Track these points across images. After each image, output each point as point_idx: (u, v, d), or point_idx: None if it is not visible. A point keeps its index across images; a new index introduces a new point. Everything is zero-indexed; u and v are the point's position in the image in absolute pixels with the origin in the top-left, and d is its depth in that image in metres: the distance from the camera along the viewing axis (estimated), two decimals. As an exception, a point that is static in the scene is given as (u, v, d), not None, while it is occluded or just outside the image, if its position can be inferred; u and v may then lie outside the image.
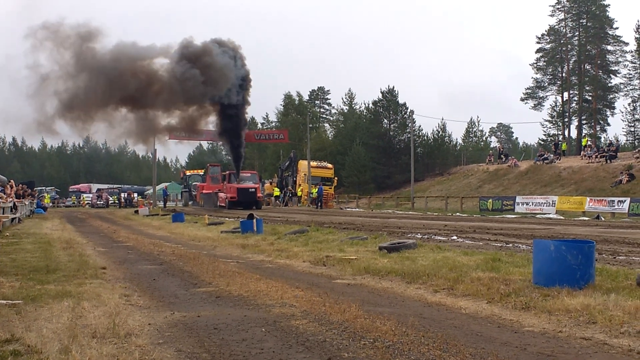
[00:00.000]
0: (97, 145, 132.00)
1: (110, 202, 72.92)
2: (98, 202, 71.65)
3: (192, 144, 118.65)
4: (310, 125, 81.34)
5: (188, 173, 76.33)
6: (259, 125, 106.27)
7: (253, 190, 54.81)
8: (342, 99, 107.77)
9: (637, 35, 73.59)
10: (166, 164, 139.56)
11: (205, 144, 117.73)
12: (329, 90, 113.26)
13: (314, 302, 8.42)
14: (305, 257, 14.22)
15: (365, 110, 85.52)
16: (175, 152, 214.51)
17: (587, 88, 77.95)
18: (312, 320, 7.31)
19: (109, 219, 39.87)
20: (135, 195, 74.78)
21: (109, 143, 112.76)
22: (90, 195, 79.27)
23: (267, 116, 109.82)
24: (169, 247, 18.03)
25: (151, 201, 65.88)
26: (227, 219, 33.20)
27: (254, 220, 21.86)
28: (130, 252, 16.69)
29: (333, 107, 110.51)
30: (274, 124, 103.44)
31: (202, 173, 72.71)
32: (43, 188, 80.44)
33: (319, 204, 56.91)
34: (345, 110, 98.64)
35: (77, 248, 17.45)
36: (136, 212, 45.33)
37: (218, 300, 8.93)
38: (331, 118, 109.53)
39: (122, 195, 73.64)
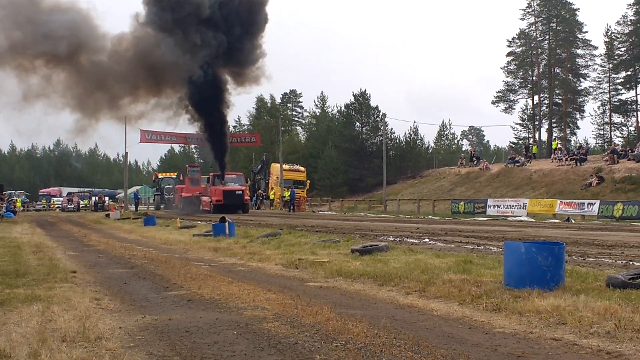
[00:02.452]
0: (68, 148, 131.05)
1: (81, 205, 72.36)
2: (69, 206, 71.13)
3: (165, 147, 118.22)
4: (283, 129, 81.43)
5: (160, 176, 74.74)
6: (231, 129, 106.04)
7: (240, 192, 52.37)
8: (315, 102, 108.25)
9: (606, 40, 74.48)
10: (138, 167, 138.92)
11: (177, 147, 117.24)
12: (301, 94, 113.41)
13: (286, 305, 8.41)
14: (277, 260, 14.21)
15: (337, 114, 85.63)
16: (147, 155, 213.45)
17: (557, 91, 78.66)
18: (284, 323, 7.30)
19: (80, 222, 39.57)
20: (107, 198, 74.30)
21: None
22: (61, 199, 78.63)
23: (239, 119, 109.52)
24: (140, 250, 17.93)
25: (122, 205, 65.43)
26: (199, 222, 33.09)
27: (226, 224, 21.82)
28: (101, 256, 16.58)
29: (305, 110, 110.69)
30: (246, 127, 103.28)
31: (174, 176, 72.24)
32: (12, 192, 79.59)
33: (292, 207, 56.87)
34: (318, 114, 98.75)
35: (47, 252, 17.31)
36: (107, 215, 45.04)
37: (190, 304, 8.89)
38: (303, 121, 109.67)
39: (93, 198, 73.14)
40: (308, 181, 67.68)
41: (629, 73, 72.35)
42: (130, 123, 57.46)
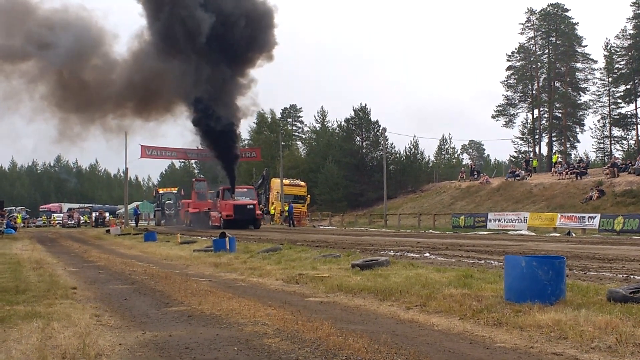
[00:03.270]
0: (69, 164, 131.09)
1: (81, 221, 72.32)
2: (69, 222, 71.06)
3: (165, 162, 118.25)
4: (283, 143, 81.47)
5: (161, 191, 74.39)
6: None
7: (251, 207, 50.06)
8: (315, 116, 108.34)
9: (606, 53, 74.73)
10: (138, 183, 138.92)
11: (177, 162, 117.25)
12: (301, 108, 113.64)
13: (287, 320, 8.40)
14: (278, 275, 14.18)
15: (337, 128, 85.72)
16: (147, 170, 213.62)
17: (557, 105, 78.85)
18: (285, 339, 7.29)
19: (80, 238, 39.52)
20: (107, 214, 74.24)
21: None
22: (61, 214, 78.60)
23: (239, 134, 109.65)
24: (140, 266, 17.91)
25: (123, 220, 65.35)
26: (199, 237, 33.06)
27: (227, 239, 21.79)
28: (101, 272, 16.55)
29: (305, 125, 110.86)
30: (246, 142, 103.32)
31: (175, 191, 72.12)
32: (13, 208, 79.53)
33: (291, 222, 56.74)
34: (318, 128, 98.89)
35: (47, 268, 17.28)
36: (108, 231, 44.97)
37: (190, 320, 8.87)
38: (304, 136, 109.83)
39: (94, 214, 73.09)
40: (308, 196, 67.62)
41: (628, 86, 72.53)
42: (130, 135, 57.51)
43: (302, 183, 68.81)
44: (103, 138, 69.14)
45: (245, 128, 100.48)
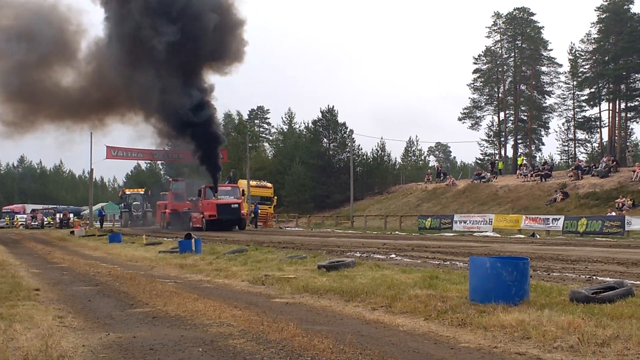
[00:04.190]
0: (32, 165, 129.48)
1: (45, 222, 71.45)
2: (32, 223, 70.10)
3: (131, 163, 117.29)
4: (250, 145, 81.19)
5: (128, 192, 73.45)
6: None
7: (236, 206, 47.16)
8: (282, 118, 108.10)
9: (571, 57, 75.64)
10: (103, 184, 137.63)
11: (143, 164, 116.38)
12: (268, 110, 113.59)
13: (252, 321, 8.37)
14: (244, 276, 14.14)
15: (304, 130, 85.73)
16: (113, 171, 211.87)
17: (523, 108, 79.56)
18: (250, 339, 7.26)
19: (44, 240, 39.07)
20: (71, 215, 73.45)
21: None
22: (25, 215, 77.50)
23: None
24: (105, 267, 17.75)
25: (87, 221, 64.69)
26: (165, 239, 32.89)
27: (192, 240, 21.69)
28: (65, 273, 16.39)
29: (273, 127, 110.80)
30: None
31: (142, 192, 71.53)
32: (-26, 209, 78.46)
33: (255, 223, 56.28)
34: (285, 130, 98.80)
35: (10, 269, 17.05)
36: (72, 232, 44.50)
37: (154, 321, 8.81)
38: (271, 137, 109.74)
39: (58, 215, 72.27)
40: (275, 197, 67.48)
41: (592, 90, 73.46)
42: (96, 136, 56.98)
43: (269, 184, 68.65)
44: (65, 138, 67.63)
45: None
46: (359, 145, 77.63)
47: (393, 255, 19.61)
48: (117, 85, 44.30)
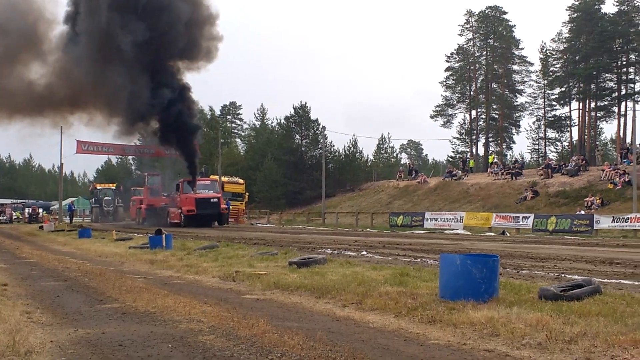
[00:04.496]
0: (1, 159, 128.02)
1: (14, 217, 70.71)
2: (1, 218, 69.36)
3: (102, 158, 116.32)
4: (222, 140, 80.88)
5: (99, 187, 72.15)
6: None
7: (215, 200, 45.99)
8: (255, 114, 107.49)
9: (542, 56, 76.24)
10: (73, 179, 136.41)
11: (114, 158, 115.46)
12: (240, 105, 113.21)
13: (222, 318, 8.36)
14: (214, 272, 14.10)
15: (277, 126, 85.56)
16: (83, 166, 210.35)
17: (494, 106, 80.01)
18: (220, 336, 7.25)
19: (12, 235, 38.73)
20: (41, 210, 72.77)
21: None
22: (-7, 210, 76.76)
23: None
24: (74, 263, 17.62)
25: (57, 216, 64.12)
26: (135, 234, 32.71)
27: (163, 236, 21.59)
28: (33, 269, 16.26)
29: (245, 122, 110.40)
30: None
31: (114, 187, 70.95)
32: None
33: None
34: (257, 126, 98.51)
35: (-22, 265, 16.90)
36: (41, 227, 44.12)
37: (124, 317, 8.77)
38: (243, 133, 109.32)
39: (27, 210, 71.57)
40: (247, 193, 67.25)
41: (563, 89, 74.15)
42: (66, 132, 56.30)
43: (241, 180, 68.39)
44: (30, 132, 66.74)
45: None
46: (331, 142, 77.92)
47: (364, 252, 19.69)
48: (84, 82, 43.35)
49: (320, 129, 76.02)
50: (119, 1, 41.81)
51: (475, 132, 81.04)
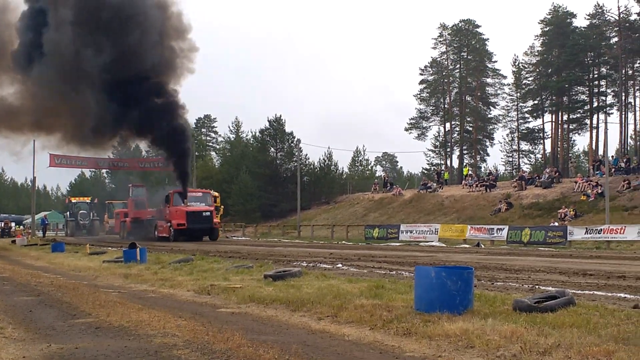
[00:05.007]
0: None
1: (-15, 231, 69.97)
2: (-27, 232, 68.67)
3: (75, 171, 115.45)
4: (197, 153, 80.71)
5: (74, 200, 71.76)
6: (144, 153, 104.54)
7: (207, 214, 44.03)
8: (229, 127, 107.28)
9: (514, 69, 76.99)
10: (46, 192, 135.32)
11: (87, 172, 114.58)
12: (215, 119, 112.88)
13: (197, 332, 8.31)
14: (189, 286, 14.03)
15: (252, 139, 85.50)
16: (57, 179, 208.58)
17: (468, 119, 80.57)
18: (195, 350, 7.20)
19: (-16, 249, 38.31)
20: (13, 224, 72.09)
21: None
22: (-35, 224, 75.88)
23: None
24: (47, 277, 17.46)
25: (30, 230, 63.52)
26: (109, 248, 32.50)
27: (137, 250, 21.47)
28: (5, 283, 16.08)
29: (220, 135, 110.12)
30: (159, 151, 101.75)
31: (88, 201, 70.43)
32: None
33: None
34: (232, 139, 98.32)
35: (-51, 279, 16.69)
36: (13, 242, 43.71)
37: (97, 331, 8.68)
38: (218, 146, 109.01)
39: (-1, 224, 70.91)
40: (222, 206, 67.05)
41: (536, 102, 74.90)
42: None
43: (216, 193, 68.20)
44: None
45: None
46: (306, 155, 77.63)
47: (339, 265, 19.67)
48: (48, 105, 41.99)
49: (295, 142, 75.97)
50: (82, 17, 40.38)
51: (449, 144, 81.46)
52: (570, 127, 73.67)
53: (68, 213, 69.73)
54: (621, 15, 65.50)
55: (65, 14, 40.18)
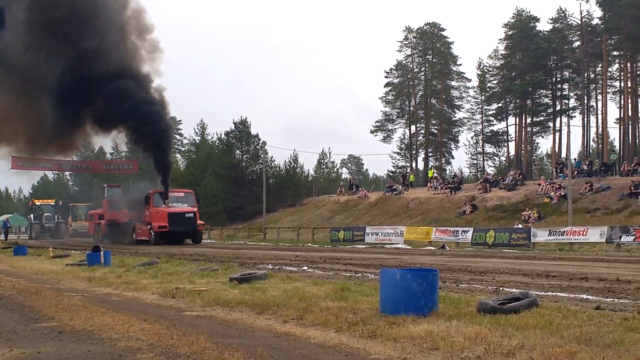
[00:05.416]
0: None
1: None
2: None
3: (38, 173, 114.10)
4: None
5: (38, 203, 70.51)
6: (108, 155, 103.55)
7: (191, 215, 41.85)
8: (194, 129, 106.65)
9: (479, 72, 77.64)
10: (8, 195, 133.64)
11: (50, 174, 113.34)
12: (180, 121, 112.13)
13: (162, 335, 8.25)
14: (154, 289, 13.92)
15: (217, 141, 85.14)
16: (18, 182, 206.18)
17: (433, 122, 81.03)
18: (159, 354, 7.15)
19: (-55, 252, 37.69)
20: (-26, 228, 71.05)
21: None
22: None
23: (116, 146, 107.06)
24: (8, 281, 17.23)
25: (-9, 234, 62.64)
26: (73, 251, 32.15)
27: (101, 252, 21.27)
28: (-34, 287, 15.84)
29: (185, 138, 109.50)
30: (124, 154, 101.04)
31: (53, 203, 69.60)
32: None
33: None
34: (197, 141, 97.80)
35: None
36: (-26, 245, 43.05)
37: (60, 336, 8.58)
38: (183, 148, 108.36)
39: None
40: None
41: (500, 105, 75.63)
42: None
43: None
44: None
45: (122, 139, 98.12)
46: (272, 157, 77.49)
47: (305, 268, 19.66)
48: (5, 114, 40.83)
49: (260, 144, 75.90)
50: (35, 17, 38.85)
51: (414, 147, 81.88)
52: (534, 130, 74.52)
53: (32, 216, 68.66)
54: (583, 20, 66.56)
55: (18, 15, 38.91)
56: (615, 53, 66.16)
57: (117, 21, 41.46)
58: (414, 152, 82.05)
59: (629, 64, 64.74)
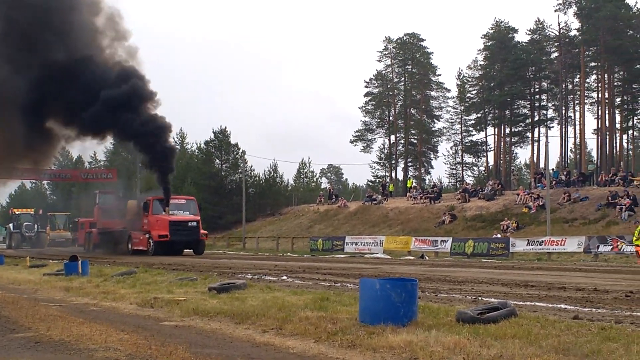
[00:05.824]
0: None
1: None
2: None
3: (15, 183, 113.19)
4: (140, 165, 79.80)
5: (17, 212, 69.69)
6: (86, 165, 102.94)
7: (194, 224, 39.52)
8: (174, 138, 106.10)
9: (458, 83, 78.10)
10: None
11: (28, 183, 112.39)
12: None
13: (140, 345, 8.19)
14: (132, 299, 13.83)
15: (197, 150, 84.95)
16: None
17: (413, 131, 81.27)
18: (137, 364, 7.10)
19: None
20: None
21: None
22: None
23: (95, 155, 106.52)
24: (-15, 291, 17.07)
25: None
26: (50, 261, 31.91)
27: (79, 262, 21.13)
28: (-59, 297, 15.67)
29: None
30: (102, 163, 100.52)
31: (32, 212, 68.99)
32: None
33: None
34: (177, 150, 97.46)
35: None
36: (-50, 255, 42.54)
37: (37, 346, 8.50)
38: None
39: None
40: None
41: (479, 115, 76.00)
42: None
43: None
44: None
45: (101, 149, 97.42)
46: (252, 167, 77.46)
47: (284, 277, 19.64)
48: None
49: (240, 154, 75.82)
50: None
51: (394, 156, 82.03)
52: (513, 140, 74.91)
53: (11, 225, 67.95)
54: (561, 31, 67.12)
55: None
56: (593, 64, 66.77)
57: (90, 28, 40.56)
58: (393, 162, 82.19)
59: (606, 75, 65.36)
